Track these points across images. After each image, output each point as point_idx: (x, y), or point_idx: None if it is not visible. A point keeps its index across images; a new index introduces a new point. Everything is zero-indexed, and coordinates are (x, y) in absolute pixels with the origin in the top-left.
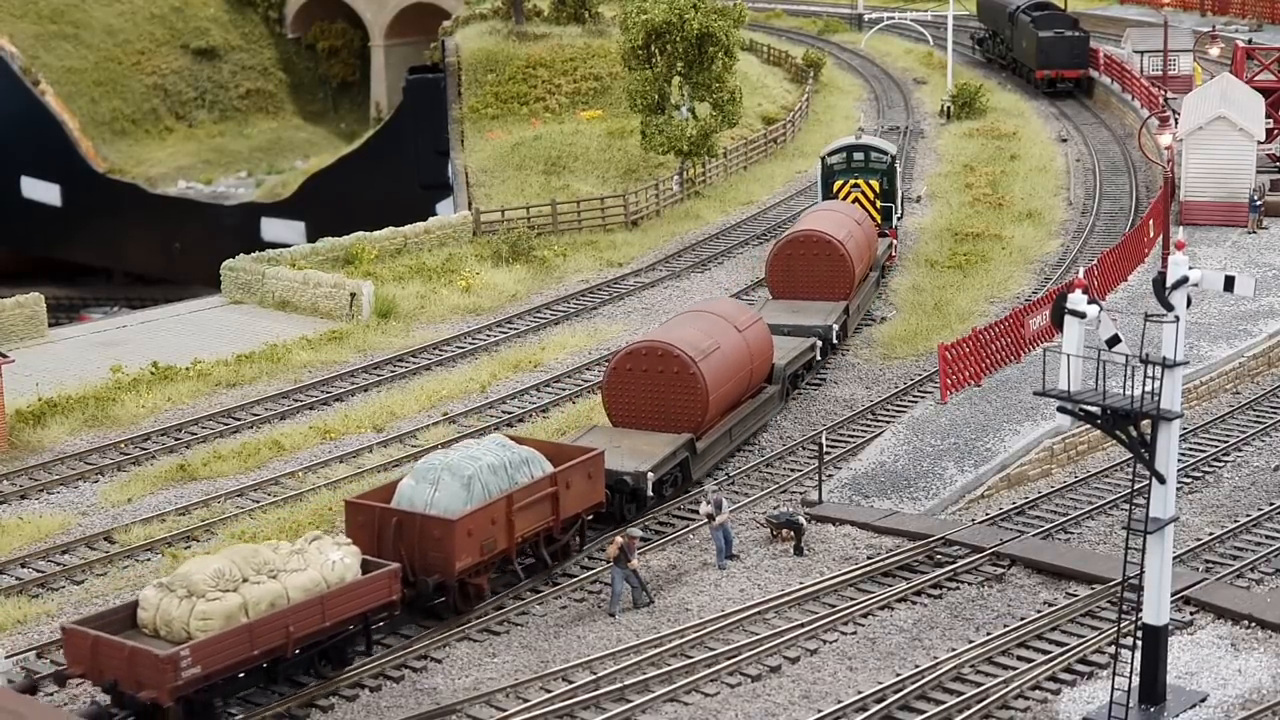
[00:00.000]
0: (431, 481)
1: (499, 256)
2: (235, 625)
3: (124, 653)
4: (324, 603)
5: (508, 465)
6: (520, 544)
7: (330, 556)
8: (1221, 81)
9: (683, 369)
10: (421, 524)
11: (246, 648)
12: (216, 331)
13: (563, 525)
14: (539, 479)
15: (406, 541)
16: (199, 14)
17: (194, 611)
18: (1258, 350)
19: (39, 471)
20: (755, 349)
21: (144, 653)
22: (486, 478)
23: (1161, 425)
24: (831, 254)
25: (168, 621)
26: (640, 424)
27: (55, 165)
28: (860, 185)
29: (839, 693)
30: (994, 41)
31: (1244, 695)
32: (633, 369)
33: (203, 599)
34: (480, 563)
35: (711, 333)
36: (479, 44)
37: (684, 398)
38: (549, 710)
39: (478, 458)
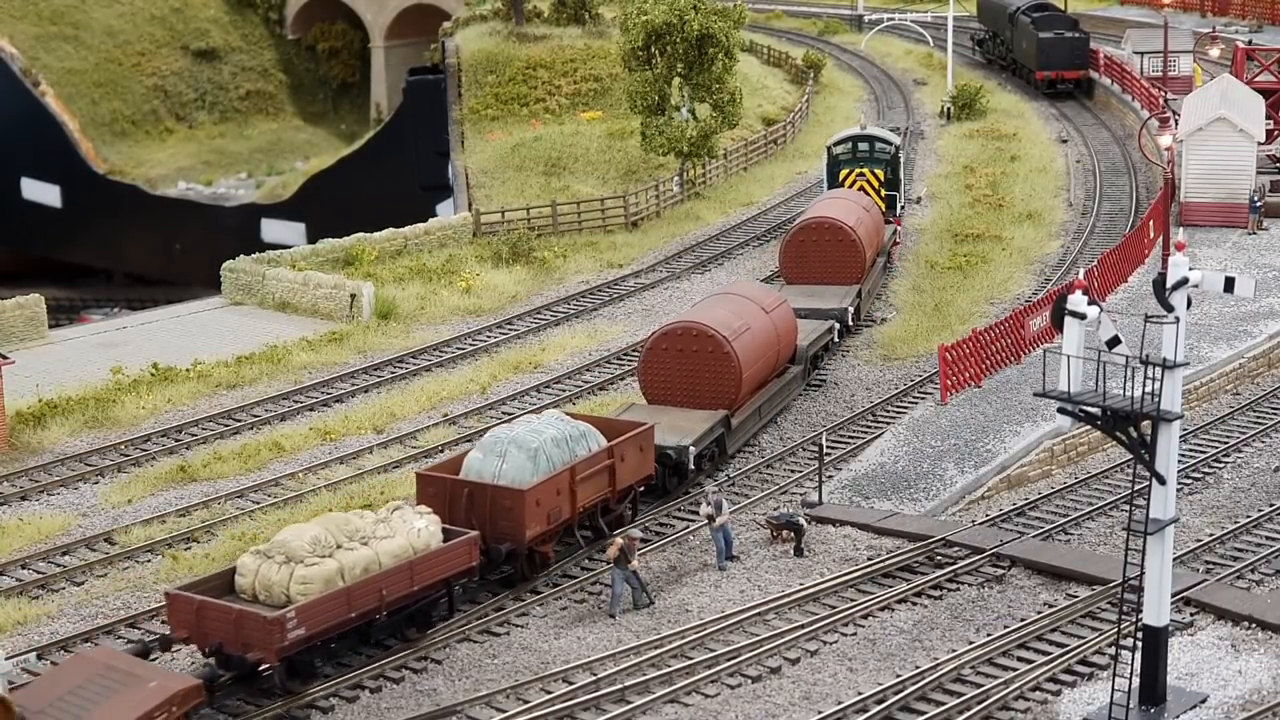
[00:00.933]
0: (499, 454)
1: (499, 257)
2: (334, 589)
3: (231, 616)
4: (412, 568)
5: (568, 439)
6: (581, 514)
7: (415, 524)
8: (1221, 82)
9: (716, 348)
10: (493, 494)
11: (344, 610)
12: (217, 333)
13: (618, 496)
14: (597, 452)
15: (478, 511)
16: (199, 15)
17: (294, 576)
18: (1258, 351)
19: (39, 473)
20: (781, 330)
21: (252, 615)
22: (550, 450)
23: (1161, 426)
24: (843, 240)
25: (267, 586)
26: (675, 401)
27: (55, 166)
28: (865, 174)
29: (839, 694)
30: (994, 42)
31: (1244, 696)
32: (668, 349)
33: (301, 564)
34: (547, 531)
35: (741, 314)
36: (479, 45)
37: (718, 376)
38: (549, 711)
39: (541, 431)
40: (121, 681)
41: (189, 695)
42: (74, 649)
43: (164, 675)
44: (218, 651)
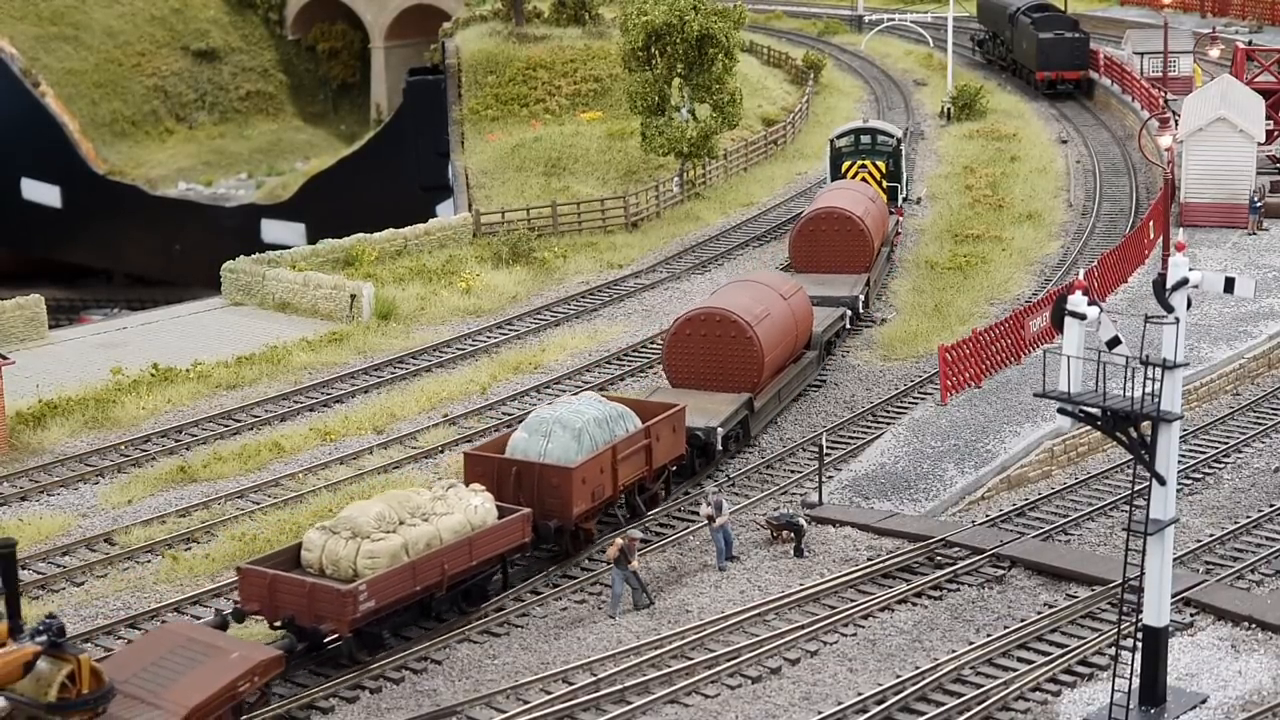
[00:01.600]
0: (544, 434)
1: (499, 258)
2: (400, 563)
3: (304, 589)
4: (471, 544)
5: (608, 419)
6: (621, 492)
7: (472, 501)
8: (1221, 83)
9: (739, 333)
10: (540, 472)
11: (410, 584)
12: (217, 333)
13: (654, 474)
14: (635, 432)
15: (525, 489)
16: (199, 15)
17: (360, 551)
18: (1258, 352)
19: (39, 473)
20: (799, 316)
21: (325, 588)
22: (593, 430)
23: (1161, 427)
24: (852, 229)
25: (334, 561)
26: (699, 384)
27: (55, 167)
28: (868, 166)
29: (839, 694)
30: (994, 43)
31: (1244, 697)
32: (692, 334)
33: (368, 539)
34: (592, 509)
35: (761, 300)
36: (479, 45)
37: (741, 359)
38: (549, 712)
39: (582, 412)
40: (204, 653)
41: (270, 666)
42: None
43: (245, 646)
44: (289, 623)
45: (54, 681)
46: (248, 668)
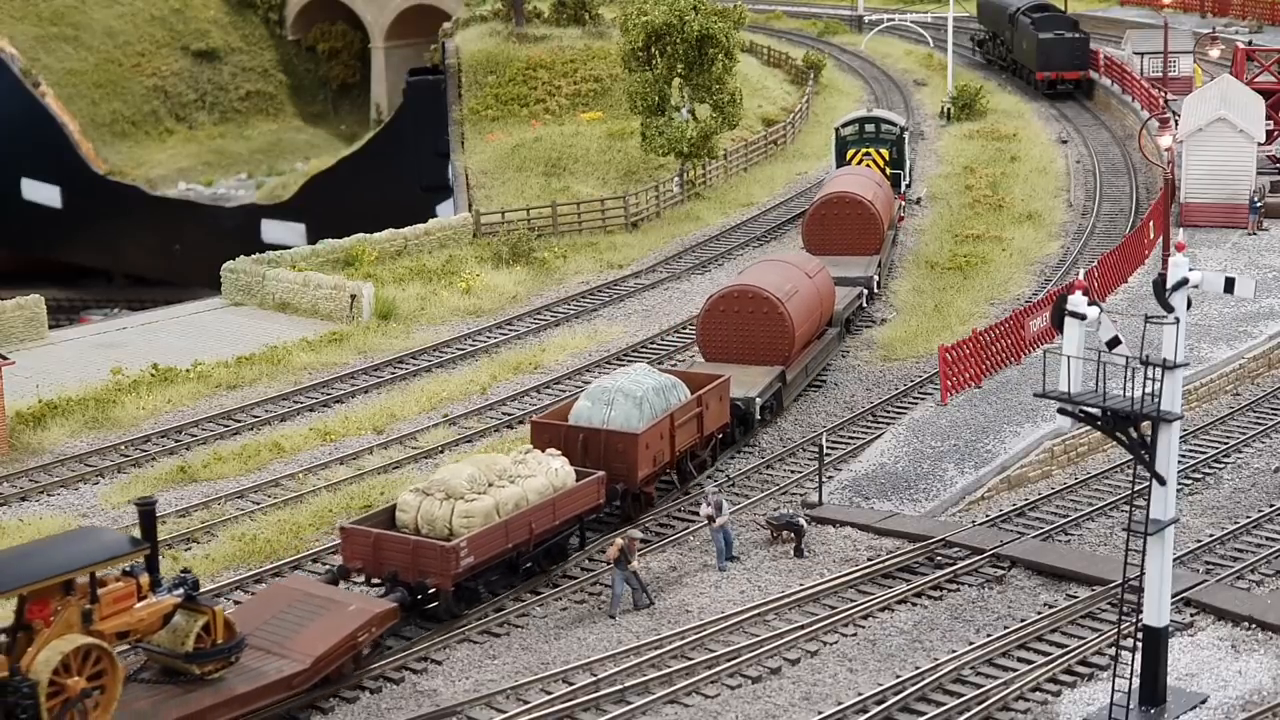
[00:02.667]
0: (606, 402)
1: (499, 258)
2: (493, 522)
3: (409, 546)
4: (554, 504)
5: (664, 388)
6: (677, 457)
7: (553, 464)
8: (1221, 83)
9: (771, 309)
10: (606, 438)
11: (503, 541)
12: (217, 333)
13: (704, 441)
14: (688, 400)
15: (592, 455)
16: (199, 16)
17: (455, 511)
18: (1258, 352)
19: (39, 473)
20: (823, 293)
21: (430, 545)
22: (652, 398)
23: (1162, 427)
24: (863, 213)
25: (430, 521)
26: (732, 359)
27: (55, 167)
28: (872, 154)
29: (839, 694)
30: (994, 43)
31: (1244, 697)
32: (725, 310)
33: (462, 500)
34: (653, 472)
35: (789, 277)
36: (479, 46)
37: (773, 334)
38: (549, 712)
39: (641, 381)
40: (323, 606)
41: (386, 617)
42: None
43: (362, 599)
44: (391, 580)
45: (190, 632)
46: (366, 619)
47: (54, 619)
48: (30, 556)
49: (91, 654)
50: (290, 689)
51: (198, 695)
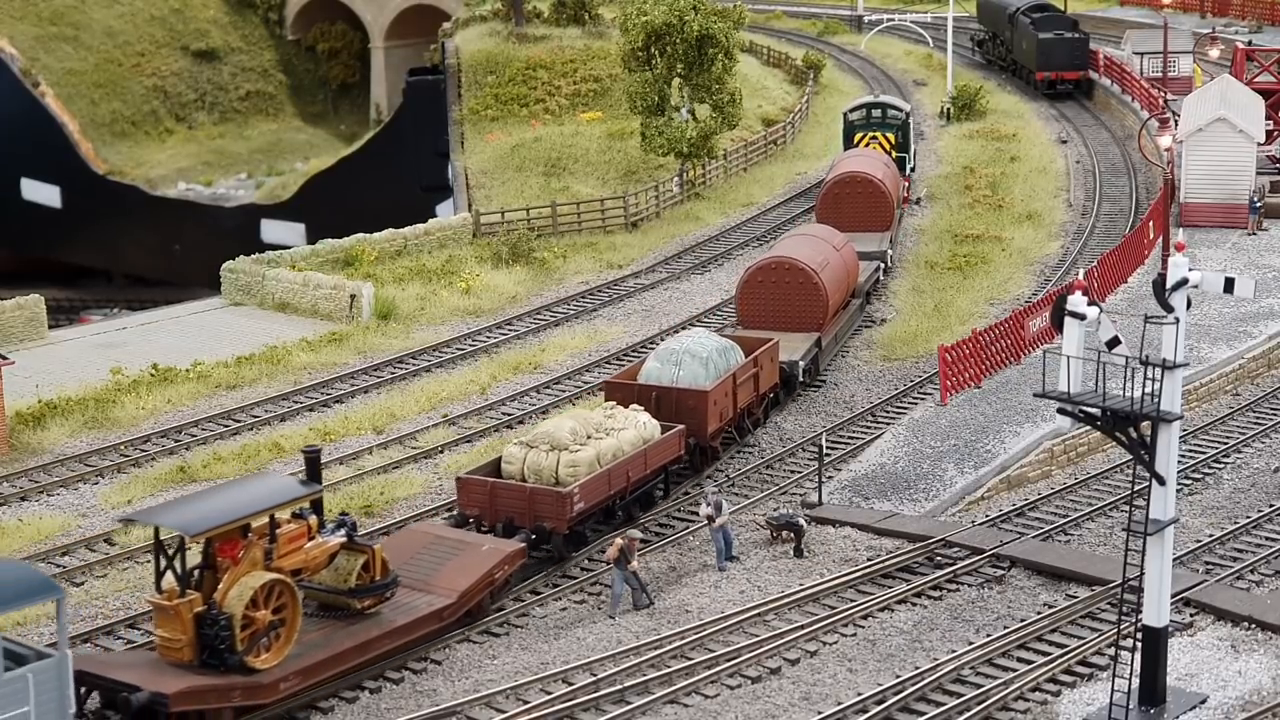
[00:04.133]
0: (675, 362)
1: (499, 258)
2: (597, 471)
3: (525, 494)
4: (646, 455)
5: (723, 350)
6: (738, 414)
7: (640, 419)
8: (1221, 83)
9: (806, 279)
10: (678, 396)
11: (606, 488)
12: (216, 333)
13: (759, 400)
14: (745, 361)
15: (664, 411)
16: (199, 16)
17: (561, 461)
18: (1257, 352)
19: (39, 473)
20: (849, 265)
21: (546, 491)
22: (716, 359)
23: (1161, 427)
24: (874, 191)
25: (537, 471)
26: (769, 326)
27: (55, 167)
28: (878, 138)
29: (839, 694)
30: (994, 43)
31: (1244, 697)
32: (763, 281)
33: (566, 451)
34: (720, 427)
35: (820, 250)
36: (479, 46)
37: (809, 303)
38: (549, 712)
39: (704, 343)
40: (457, 546)
41: (516, 556)
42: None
43: (491, 540)
44: (506, 525)
45: (352, 570)
46: (501, 557)
47: (241, 558)
48: (217, 500)
49: (275, 589)
50: (440, 621)
51: (363, 627)
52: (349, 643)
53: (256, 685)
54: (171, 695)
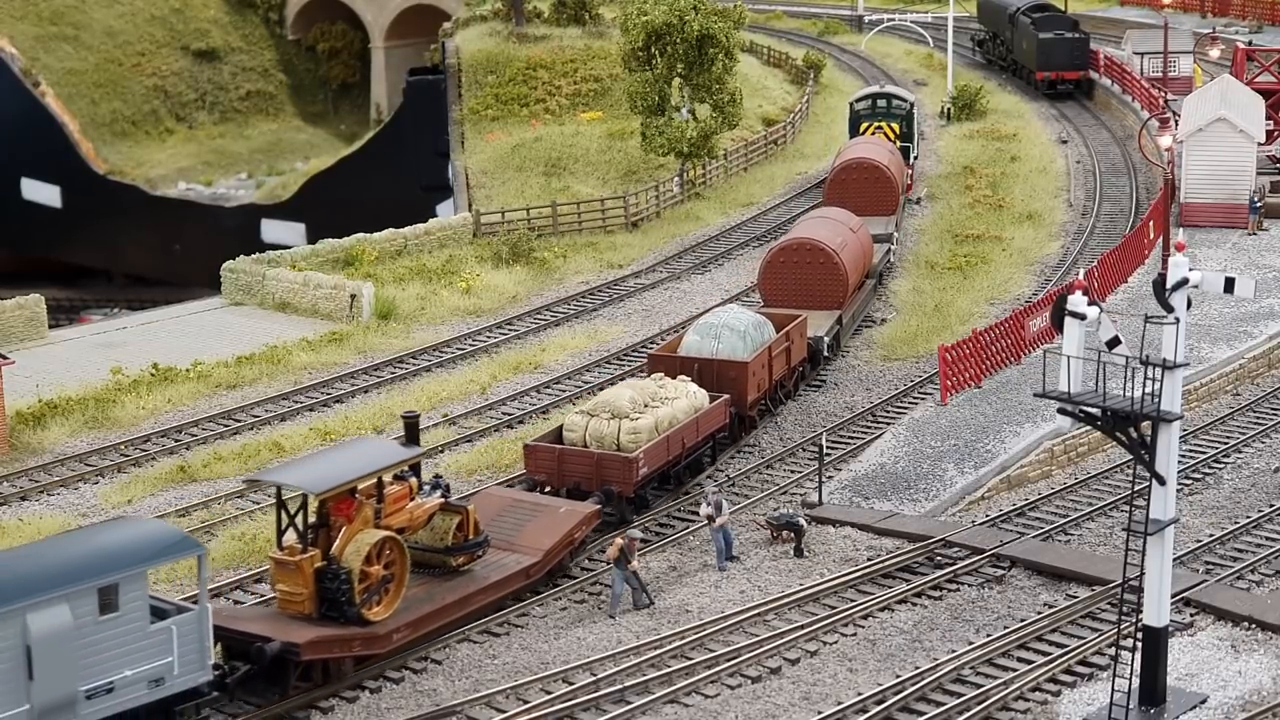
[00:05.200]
0: (714, 336)
1: (499, 258)
2: (657, 438)
3: (592, 459)
4: (698, 423)
5: (757, 325)
6: (773, 385)
7: (690, 388)
8: (1221, 83)
9: (827, 259)
10: (719, 367)
11: (665, 454)
12: (216, 333)
13: (790, 372)
14: (779, 335)
15: (705, 382)
16: (199, 15)
17: (622, 428)
18: (1258, 352)
19: (39, 473)
20: (864, 246)
21: (613, 457)
22: (752, 333)
23: (1161, 427)
24: (881, 176)
25: (599, 438)
26: (791, 304)
27: (55, 167)
28: (883, 127)
29: (839, 694)
30: (994, 43)
31: (1244, 697)
32: (785, 261)
33: (627, 419)
34: (758, 397)
35: (838, 231)
36: (479, 45)
37: (829, 281)
38: (549, 711)
39: (741, 318)
40: (535, 510)
41: (592, 517)
42: None
43: (567, 503)
44: (573, 489)
45: (448, 529)
46: (579, 519)
47: (354, 516)
48: (334, 462)
49: (386, 546)
50: (528, 578)
51: (461, 583)
52: (451, 597)
53: (373, 636)
54: (303, 644)
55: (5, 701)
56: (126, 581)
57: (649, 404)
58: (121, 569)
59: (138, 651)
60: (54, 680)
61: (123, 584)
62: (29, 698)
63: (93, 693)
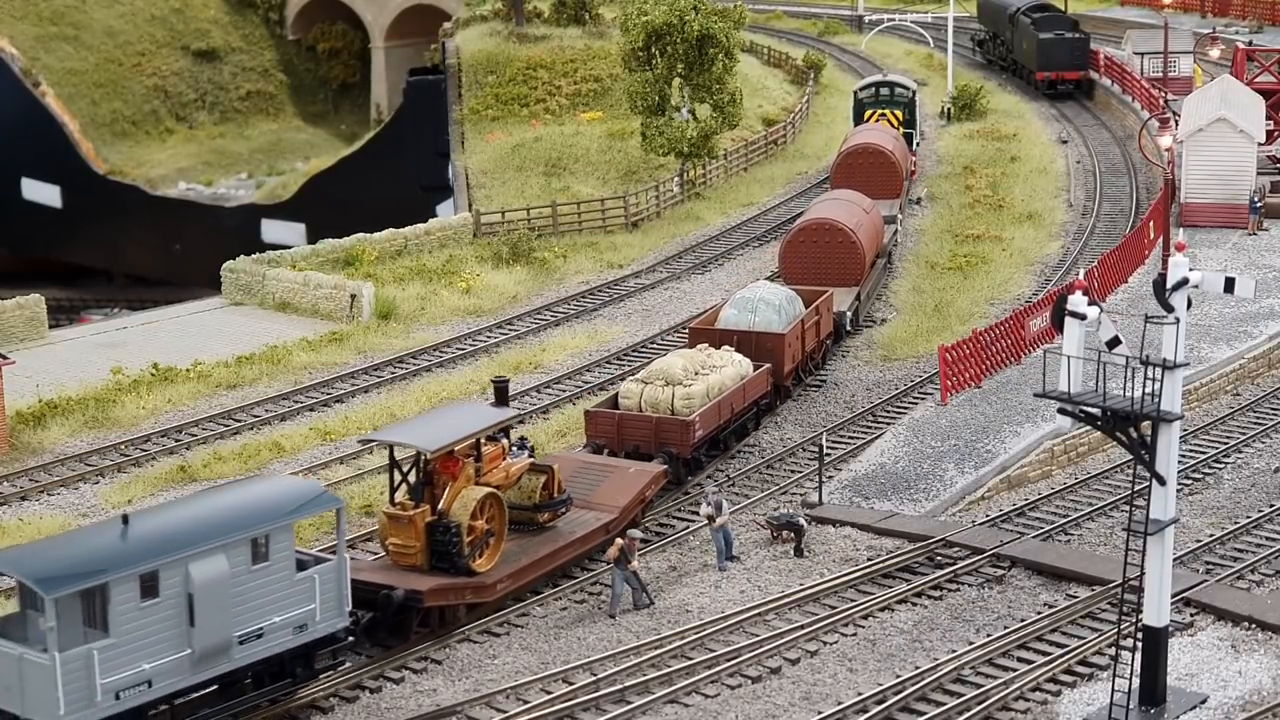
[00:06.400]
0: (751, 309)
1: (499, 258)
2: (709, 403)
3: (651, 423)
4: (744, 389)
5: (791, 299)
6: (806, 356)
7: (735, 357)
8: (1222, 83)
9: (845, 239)
10: (757, 339)
11: (716, 418)
12: (217, 333)
13: (819, 344)
14: (810, 309)
15: (743, 353)
16: (199, 15)
17: (676, 394)
18: (1258, 352)
19: (39, 473)
20: (877, 226)
21: (671, 420)
22: (786, 306)
23: (1162, 427)
24: (885, 161)
25: (654, 404)
26: (810, 282)
27: (56, 167)
28: (886, 115)
29: (839, 694)
30: (994, 43)
31: (1244, 697)
32: (805, 241)
33: (680, 385)
34: (793, 367)
35: (854, 213)
36: (479, 45)
37: (848, 260)
38: (549, 712)
39: (775, 292)
40: (605, 470)
41: (660, 476)
42: None
43: (635, 464)
44: (631, 452)
45: (536, 488)
46: (650, 478)
47: (459, 474)
48: (443, 423)
49: (489, 501)
50: (607, 534)
51: (550, 538)
52: (543, 550)
53: (482, 585)
54: (425, 592)
55: (170, 646)
56: (276, 533)
57: (699, 371)
58: (271, 521)
59: (284, 599)
60: (212, 626)
61: (273, 535)
62: (190, 642)
63: (245, 638)
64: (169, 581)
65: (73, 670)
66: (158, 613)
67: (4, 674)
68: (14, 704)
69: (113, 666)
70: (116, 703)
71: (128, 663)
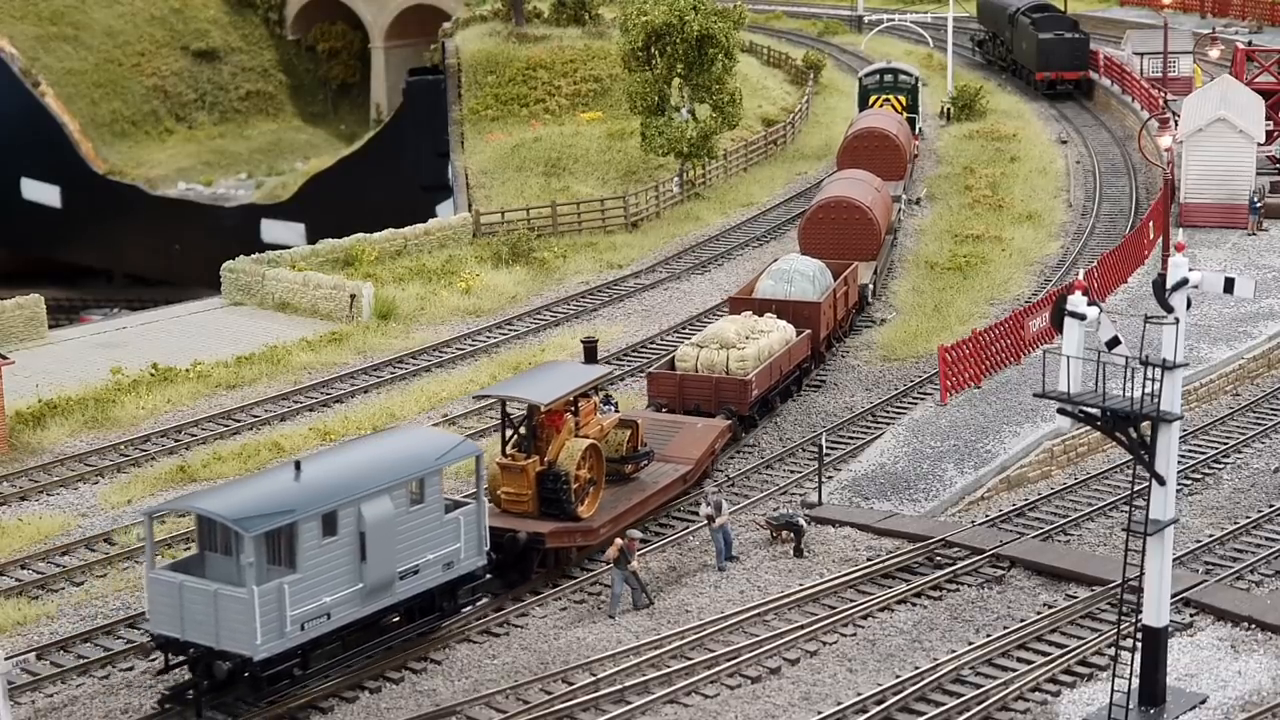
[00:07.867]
0: (787, 280)
1: (499, 258)
2: (763, 365)
3: (711, 383)
4: (790, 353)
5: (822, 270)
6: (837, 323)
7: (779, 323)
8: (1221, 83)
9: (862, 215)
10: (794, 307)
11: (769, 379)
12: (216, 333)
13: (847, 314)
14: (840, 280)
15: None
16: (199, 15)
17: (731, 356)
18: (1257, 352)
19: (39, 473)
20: (888, 203)
21: (730, 380)
22: (819, 277)
23: (1161, 427)
24: (889, 144)
25: (710, 365)
26: (829, 256)
27: (55, 167)
28: (890, 100)
29: (839, 694)
30: (994, 43)
31: (1244, 697)
32: (824, 218)
33: (734, 348)
34: (828, 335)
35: (867, 190)
36: (479, 46)
37: (865, 235)
38: (549, 712)
39: (808, 263)
40: (674, 427)
41: (726, 431)
42: (74, 648)
43: (700, 420)
44: (692, 410)
45: (621, 442)
46: (717, 432)
47: (562, 427)
48: (550, 379)
49: (590, 452)
50: (685, 484)
51: (638, 487)
52: (635, 498)
53: (588, 529)
54: (547, 534)
55: (346, 580)
56: (429, 477)
57: (750, 336)
58: (426, 466)
59: (436, 538)
60: (380, 562)
61: (426, 479)
62: (362, 577)
63: (405, 573)
64: (345, 521)
65: (268, 603)
66: (336, 549)
67: (196, 609)
68: (208, 637)
69: (300, 599)
70: (302, 633)
71: (311, 596)
